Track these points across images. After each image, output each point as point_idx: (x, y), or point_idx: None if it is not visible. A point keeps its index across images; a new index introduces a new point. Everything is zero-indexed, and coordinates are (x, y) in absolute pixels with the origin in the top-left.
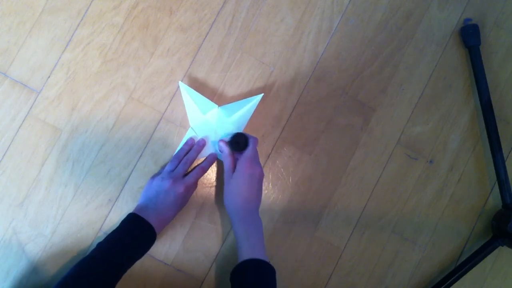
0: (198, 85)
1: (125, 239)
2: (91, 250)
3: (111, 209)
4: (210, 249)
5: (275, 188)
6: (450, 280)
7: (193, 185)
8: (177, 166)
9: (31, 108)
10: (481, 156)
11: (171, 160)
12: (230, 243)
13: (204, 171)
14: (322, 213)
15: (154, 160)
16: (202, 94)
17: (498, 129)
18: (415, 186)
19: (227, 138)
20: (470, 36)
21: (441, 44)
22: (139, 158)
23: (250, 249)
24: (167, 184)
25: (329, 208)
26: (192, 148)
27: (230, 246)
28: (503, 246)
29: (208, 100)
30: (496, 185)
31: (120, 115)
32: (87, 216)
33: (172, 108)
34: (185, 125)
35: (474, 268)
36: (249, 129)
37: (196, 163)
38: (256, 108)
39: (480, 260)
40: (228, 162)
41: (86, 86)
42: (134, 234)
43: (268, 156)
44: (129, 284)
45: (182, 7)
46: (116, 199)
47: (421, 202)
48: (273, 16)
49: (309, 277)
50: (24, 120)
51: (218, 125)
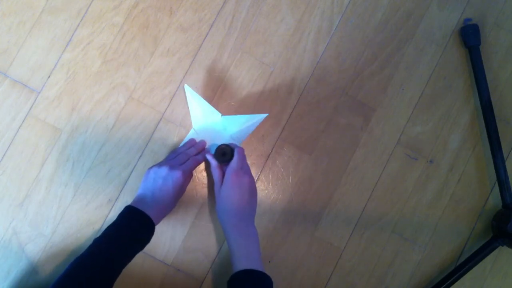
0: (198, 85)
1: (123, 233)
2: (88, 246)
3: (111, 209)
4: (210, 249)
5: (275, 188)
6: (450, 280)
7: (190, 174)
8: (175, 157)
9: (31, 108)
10: (481, 156)
11: (170, 153)
12: None
13: (199, 163)
14: (322, 213)
15: (154, 160)
16: (203, 94)
17: (498, 129)
18: (415, 186)
19: (213, 151)
20: (470, 36)
21: (441, 44)
22: (139, 158)
23: (244, 259)
24: (165, 170)
25: (329, 208)
26: (193, 146)
27: None
28: (503, 246)
29: (212, 108)
30: (496, 185)
31: (120, 115)
32: (87, 216)
33: (172, 108)
34: (185, 125)
35: (474, 268)
36: None
37: None
38: (256, 108)
39: (480, 260)
40: (217, 175)
41: (86, 86)
42: (132, 227)
43: (268, 156)
44: (129, 284)
45: (182, 7)
46: (116, 199)
47: (421, 202)
48: (273, 16)
49: (309, 277)
50: (24, 120)
51: (218, 133)
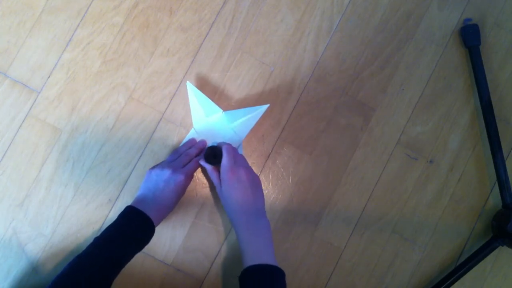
0: (198, 85)
1: (122, 233)
2: (87, 246)
3: (111, 209)
4: (210, 249)
5: (275, 188)
6: (450, 280)
7: (191, 176)
8: (177, 159)
9: (31, 108)
10: (481, 156)
11: (171, 154)
12: (230, 243)
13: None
14: (322, 213)
15: (154, 160)
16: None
17: (498, 129)
18: (415, 186)
19: (204, 154)
20: (470, 36)
21: (441, 44)
22: (139, 158)
23: (255, 254)
24: (167, 173)
25: (329, 208)
26: (193, 146)
27: (230, 246)
28: (503, 246)
29: (214, 104)
30: (496, 185)
31: (120, 115)
32: (87, 216)
33: (172, 108)
34: (185, 125)
35: (474, 268)
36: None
37: None
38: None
39: (480, 260)
40: (215, 177)
41: (86, 86)
42: (132, 227)
43: (268, 156)
44: (129, 284)
45: (182, 7)
46: (116, 199)
47: (421, 202)
48: (273, 16)
49: (309, 277)
50: (24, 120)
51: (220, 130)
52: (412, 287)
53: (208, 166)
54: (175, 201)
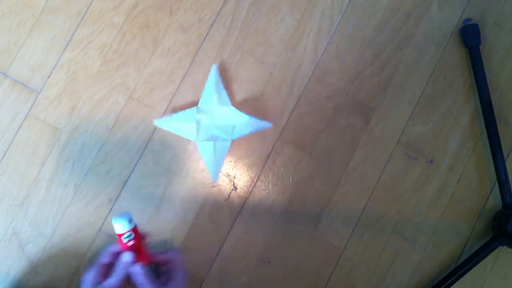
0: (198, 85)
1: None
2: None
3: (111, 209)
4: (210, 249)
5: (275, 188)
6: (450, 280)
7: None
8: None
9: (31, 108)
10: (481, 156)
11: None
12: (230, 243)
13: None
14: (322, 213)
15: (154, 160)
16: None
17: (498, 129)
18: (415, 186)
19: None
20: (470, 36)
21: (441, 44)
22: (139, 158)
23: None
24: None
25: (329, 208)
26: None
27: (230, 246)
28: (503, 246)
29: (227, 96)
30: (496, 185)
31: (120, 115)
32: (87, 216)
33: (172, 108)
34: None
35: (474, 268)
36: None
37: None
38: (256, 108)
39: (480, 260)
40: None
41: (86, 86)
42: None
43: (268, 156)
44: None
45: (182, 7)
46: (116, 199)
47: (421, 202)
48: (273, 16)
49: (309, 277)
50: (24, 120)
51: (221, 120)
52: (412, 287)
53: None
54: None
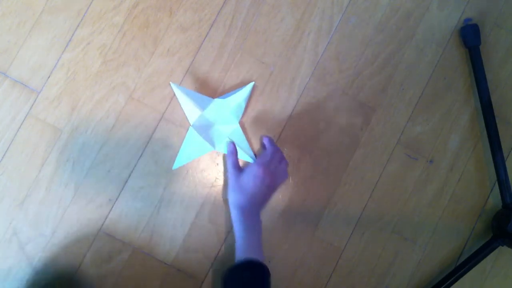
0: (198, 85)
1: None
2: None
3: (111, 209)
4: (210, 249)
5: None
6: (450, 280)
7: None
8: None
9: (31, 108)
10: (481, 156)
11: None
12: (230, 243)
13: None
14: (322, 213)
15: (154, 160)
16: (202, 94)
17: (498, 129)
18: (415, 186)
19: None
20: (470, 36)
21: (441, 44)
22: (139, 158)
23: (247, 249)
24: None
25: (329, 208)
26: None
27: (230, 246)
28: (503, 246)
29: (203, 96)
30: (496, 185)
31: (120, 115)
32: (87, 216)
33: (172, 108)
34: (185, 125)
35: (474, 268)
36: (249, 129)
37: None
38: (256, 108)
39: (480, 260)
40: (232, 160)
41: (86, 86)
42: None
43: None
44: (129, 284)
45: (182, 7)
46: (116, 199)
47: (421, 202)
48: (273, 16)
49: (309, 277)
50: (24, 120)
51: (218, 117)
52: (412, 287)
53: (231, 147)
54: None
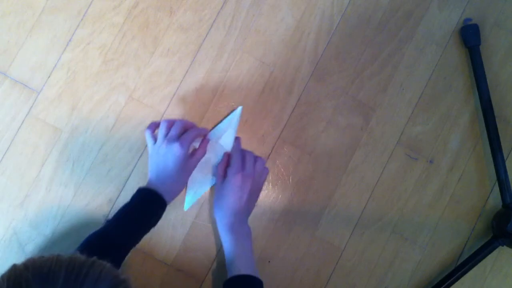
0: (198, 85)
1: (133, 210)
2: (101, 227)
3: (111, 209)
4: (210, 249)
5: (275, 188)
6: (450, 280)
7: (190, 145)
8: (171, 129)
9: (31, 108)
10: (481, 156)
11: (161, 124)
12: None
13: (200, 135)
14: (322, 213)
15: None
16: (202, 94)
17: (498, 129)
18: (415, 186)
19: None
20: (470, 36)
21: (441, 44)
22: (139, 158)
23: (237, 263)
24: (163, 149)
25: (329, 208)
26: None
27: None
28: (503, 246)
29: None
30: (496, 185)
31: (120, 115)
32: (87, 216)
33: (172, 108)
34: None
35: (474, 268)
36: (250, 130)
37: None
38: (256, 108)
39: (480, 260)
40: (221, 169)
41: (86, 86)
42: (143, 205)
43: (268, 156)
44: None
45: (182, 7)
46: (116, 199)
47: (421, 202)
48: (273, 16)
49: (309, 277)
50: (24, 120)
51: (211, 151)
52: (412, 287)
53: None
54: (180, 174)
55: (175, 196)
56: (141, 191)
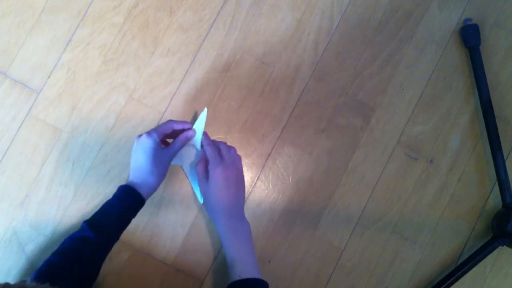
0: (198, 85)
1: (113, 204)
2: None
3: None
4: (210, 249)
5: (275, 188)
6: (450, 280)
7: (162, 137)
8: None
9: (31, 108)
10: (481, 156)
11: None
12: None
13: (170, 129)
14: (322, 213)
15: None
16: (202, 95)
17: (498, 129)
18: (415, 186)
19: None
20: (470, 36)
21: (441, 44)
22: None
23: (240, 265)
24: (135, 143)
25: (329, 208)
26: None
27: None
28: (503, 246)
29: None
30: (496, 185)
31: (120, 115)
32: (87, 216)
33: (172, 108)
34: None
35: (474, 268)
36: (250, 130)
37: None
38: (256, 109)
39: (480, 260)
40: (201, 170)
41: (86, 86)
42: (121, 200)
43: (268, 156)
44: (129, 284)
45: (182, 7)
46: None
47: (421, 202)
48: (273, 16)
49: (309, 277)
50: (24, 120)
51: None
52: (412, 287)
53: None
54: (152, 165)
55: (152, 189)
56: (119, 189)
